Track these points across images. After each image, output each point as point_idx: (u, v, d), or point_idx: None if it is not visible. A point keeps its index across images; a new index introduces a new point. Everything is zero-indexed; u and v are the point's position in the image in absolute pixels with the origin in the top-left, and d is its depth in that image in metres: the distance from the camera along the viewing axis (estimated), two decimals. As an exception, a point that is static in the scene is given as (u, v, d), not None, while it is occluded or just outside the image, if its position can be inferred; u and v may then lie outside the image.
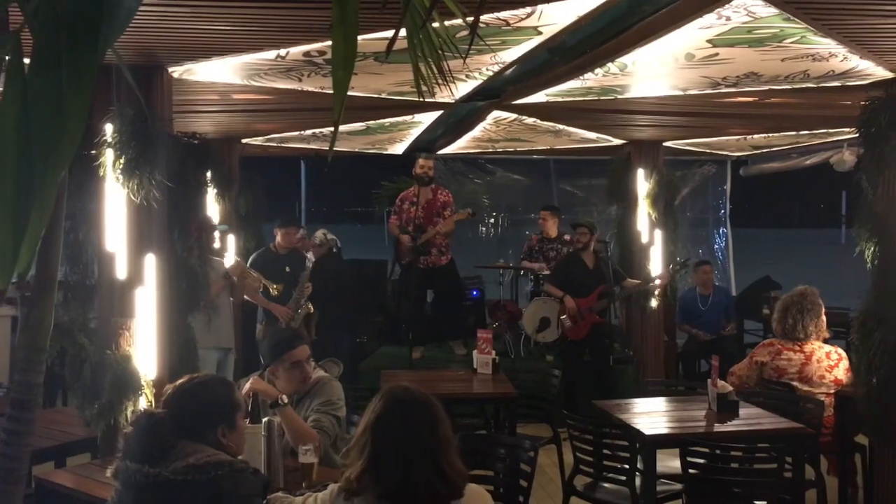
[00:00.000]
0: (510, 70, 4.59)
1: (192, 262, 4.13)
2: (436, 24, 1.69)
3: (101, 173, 3.88)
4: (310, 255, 7.31)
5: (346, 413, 3.70)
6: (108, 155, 3.86)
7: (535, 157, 10.17)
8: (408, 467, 2.15)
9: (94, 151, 3.85)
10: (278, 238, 6.86)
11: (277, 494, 2.61)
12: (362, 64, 4.19)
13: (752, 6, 3.07)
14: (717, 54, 3.90)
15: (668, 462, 4.34)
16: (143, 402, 3.92)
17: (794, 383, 4.99)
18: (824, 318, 5.09)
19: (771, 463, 4.02)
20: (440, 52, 1.68)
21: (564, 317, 6.99)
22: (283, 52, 3.75)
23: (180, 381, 2.52)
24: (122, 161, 3.83)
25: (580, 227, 7.14)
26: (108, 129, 3.86)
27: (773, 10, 3.09)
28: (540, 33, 3.57)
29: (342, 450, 3.38)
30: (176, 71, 4.15)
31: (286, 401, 3.30)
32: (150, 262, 4.01)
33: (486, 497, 2.33)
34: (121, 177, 3.84)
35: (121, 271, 3.98)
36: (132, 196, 3.86)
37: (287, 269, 6.81)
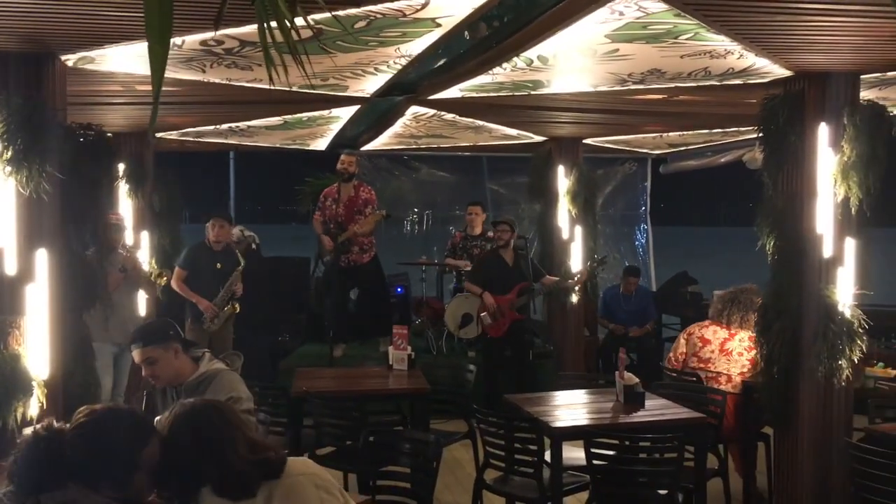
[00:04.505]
0: (419, 64, 4.57)
1: (88, 258, 3.98)
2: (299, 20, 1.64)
3: (-12, 165, 3.73)
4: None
5: (255, 408, 3.62)
6: (-5, 145, 3.71)
7: (464, 154, 10.17)
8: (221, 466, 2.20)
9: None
10: (208, 232, 6.74)
11: None
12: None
13: (642, 2, 3.11)
14: (617, 50, 3.95)
15: (579, 454, 4.39)
16: (34, 403, 3.78)
17: (715, 354, 5.32)
18: (754, 315, 5.24)
19: (672, 453, 4.10)
20: (292, 35, 1.63)
21: (484, 314, 7.01)
22: (178, 40, 3.65)
23: (92, 411, 2.28)
24: (9, 152, 3.68)
25: (501, 225, 7.16)
26: (-5, 118, 3.71)
27: (662, 6, 3.13)
28: (439, 25, 3.56)
29: None
30: (69, 59, 4.00)
31: None
32: (42, 257, 3.86)
33: (308, 463, 2.38)
34: (8, 168, 3.70)
35: (10, 267, 3.82)
36: (21, 188, 3.71)
37: (219, 265, 6.68)
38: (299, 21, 1.59)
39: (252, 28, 3.43)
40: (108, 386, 5.62)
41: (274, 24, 1.57)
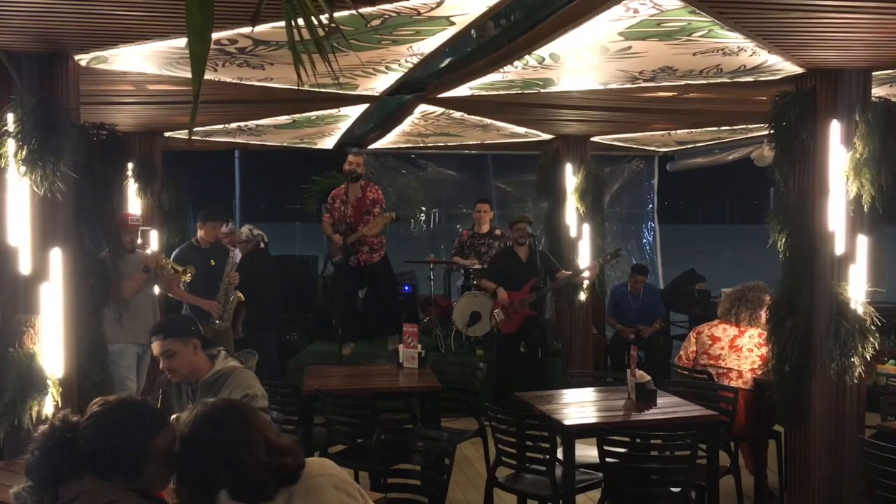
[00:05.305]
0: (431, 62, 4.58)
1: (102, 257, 3.99)
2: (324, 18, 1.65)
3: (3, 164, 3.74)
4: (236, 251, 7.18)
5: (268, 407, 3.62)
6: (10, 145, 3.72)
7: (470, 152, 10.17)
8: (238, 471, 2.18)
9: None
10: (201, 233, 6.71)
11: None
12: (278, 53, 4.12)
13: (657, -2, 3.12)
14: (630, 48, 3.95)
15: (591, 451, 4.39)
16: (49, 402, 3.79)
17: (725, 351, 5.32)
18: (764, 313, 5.25)
19: (685, 450, 4.10)
20: (322, 37, 1.64)
21: (497, 310, 7.00)
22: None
23: (105, 402, 2.28)
24: (24, 151, 3.70)
25: (519, 224, 7.12)
26: (10, 118, 3.72)
27: (678, 3, 3.13)
28: (453, 24, 3.56)
29: None
30: (83, 59, 4.01)
31: None
32: (56, 256, 3.88)
33: (327, 464, 2.36)
34: (23, 168, 3.71)
35: (25, 266, 3.84)
36: (35, 188, 3.73)
37: (212, 262, 6.66)
38: (325, 19, 1.60)
39: (265, 27, 3.44)
40: (134, 387, 5.60)
41: (301, 21, 1.58)
